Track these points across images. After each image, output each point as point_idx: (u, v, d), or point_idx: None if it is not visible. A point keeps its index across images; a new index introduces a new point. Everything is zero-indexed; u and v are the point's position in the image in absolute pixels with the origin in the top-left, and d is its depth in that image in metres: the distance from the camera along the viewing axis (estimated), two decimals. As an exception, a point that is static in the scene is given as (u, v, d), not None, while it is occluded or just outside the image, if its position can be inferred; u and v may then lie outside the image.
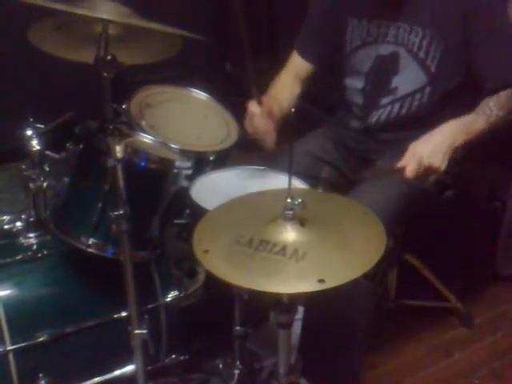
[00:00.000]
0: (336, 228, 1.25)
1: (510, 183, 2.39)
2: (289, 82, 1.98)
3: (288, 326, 1.31)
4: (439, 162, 1.60)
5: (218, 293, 1.61)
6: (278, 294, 1.20)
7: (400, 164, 1.61)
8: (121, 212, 1.38)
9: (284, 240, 1.21)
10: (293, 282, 1.14)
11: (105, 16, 1.28)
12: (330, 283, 1.11)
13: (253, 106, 1.78)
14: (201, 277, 1.91)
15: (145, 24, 1.32)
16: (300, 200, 1.22)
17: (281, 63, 2.04)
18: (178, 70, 2.44)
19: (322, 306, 1.65)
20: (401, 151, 1.79)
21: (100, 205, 1.49)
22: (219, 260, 1.19)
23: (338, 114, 2.04)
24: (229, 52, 2.96)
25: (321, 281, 1.11)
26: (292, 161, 1.27)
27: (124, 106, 1.84)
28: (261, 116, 1.76)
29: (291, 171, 1.26)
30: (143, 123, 1.82)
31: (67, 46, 1.54)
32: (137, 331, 1.47)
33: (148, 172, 1.55)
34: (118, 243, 1.43)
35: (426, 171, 1.60)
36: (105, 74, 1.30)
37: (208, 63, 2.91)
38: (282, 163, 1.76)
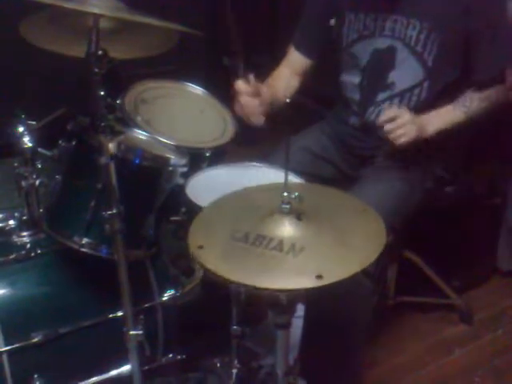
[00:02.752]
0: (334, 223, 1.23)
1: (510, 178, 2.37)
2: (286, 75, 1.97)
3: (286, 326, 1.29)
4: (409, 129, 1.67)
5: (215, 291, 1.59)
6: (275, 291, 1.17)
7: (381, 120, 1.70)
8: (114, 211, 1.35)
9: (281, 235, 1.18)
10: (290, 278, 1.11)
11: (95, 10, 1.24)
12: (329, 279, 1.08)
13: (239, 85, 1.77)
14: (198, 275, 1.88)
15: (136, 18, 1.29)
16: (297, 193, 1.19)
17: (280, 58, 2.02)
18: (175, 64, 2.41)
19: (322, 305, 1.63)
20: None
21: (93, 203, 1.46)
22: (214, 256, 1.16)
23: (337, 109, 2.02)
24: (226, 45, 2.94)
25: (319, 277, 1.08)
26: (289, 154, 1.24)
27: (118, 101, 1.82)
28: (247, 95, 1.75)
29: (288, 164, 1.23)
30: (138, 119, 1.79)
31: (60, 39, 1.51)
32: (132, 332, 1.44)
33: (142, 170, 1.52)
34: (112, 242, 1.41)
35: (396, 128, 1.67)
36: (96, 70, 1.27)
37: (206, 57, 2.88)
38: (279, 159, 1.75)
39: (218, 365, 1.73)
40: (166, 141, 1.73)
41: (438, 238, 2.18)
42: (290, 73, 1.97)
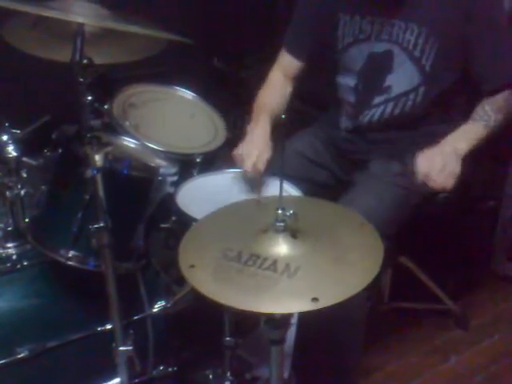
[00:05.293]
0: (331, 240, 1.18)
1: (505, 181, 2.34)
2: (279, 82, 1.92)
3: (280, 342, 1.25)
4: (455, 165, 1.61)
5: (207, 301, 1.55)
6: (269, 314, 1.13)
7: (420, 177, 1.59)
8: (101, 225, 1.31)
9: (275, 254, 1.14)
10: (285, 300, 1.07)
11: (79, 19, 1.19)
12: (325, 302, 1.04)
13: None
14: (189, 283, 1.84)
15: (120, 27, 1.23)
16: (292, 211, 1.15)
17: (267, 59, 1.97)
18: (164, 66, 2.36)
19: (315, 312, 1.59)
20: (391, 152, 1.75)
21: (80, 215, 1.43)
22: (206, 276, 1.12)
23: (329, 112, 1.98)
24: (216, 47, 2.89)
25: (315, 299, 1.05)
26: (283, 169, 1.19)
27: (106, 106, 1.77)
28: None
29: (282, 181, 1.19)
30: (126, 124, 1.74)
31: (44, 43, 1.46)
32: (121, 348, 1.40)
33: (131, 180, 1.48)
34: (100, 255, 1.36)
35: (447, 178, 1.60)
36: (81, 80, 1.22)
37: (195, 58, 2.83)
38: (272, 164, 1.71)
39: (211, 377, 1.70)
40: (154, 147, 1.68)
41: (433, 242, 2.14)
42: (282, 78, 1.92)
